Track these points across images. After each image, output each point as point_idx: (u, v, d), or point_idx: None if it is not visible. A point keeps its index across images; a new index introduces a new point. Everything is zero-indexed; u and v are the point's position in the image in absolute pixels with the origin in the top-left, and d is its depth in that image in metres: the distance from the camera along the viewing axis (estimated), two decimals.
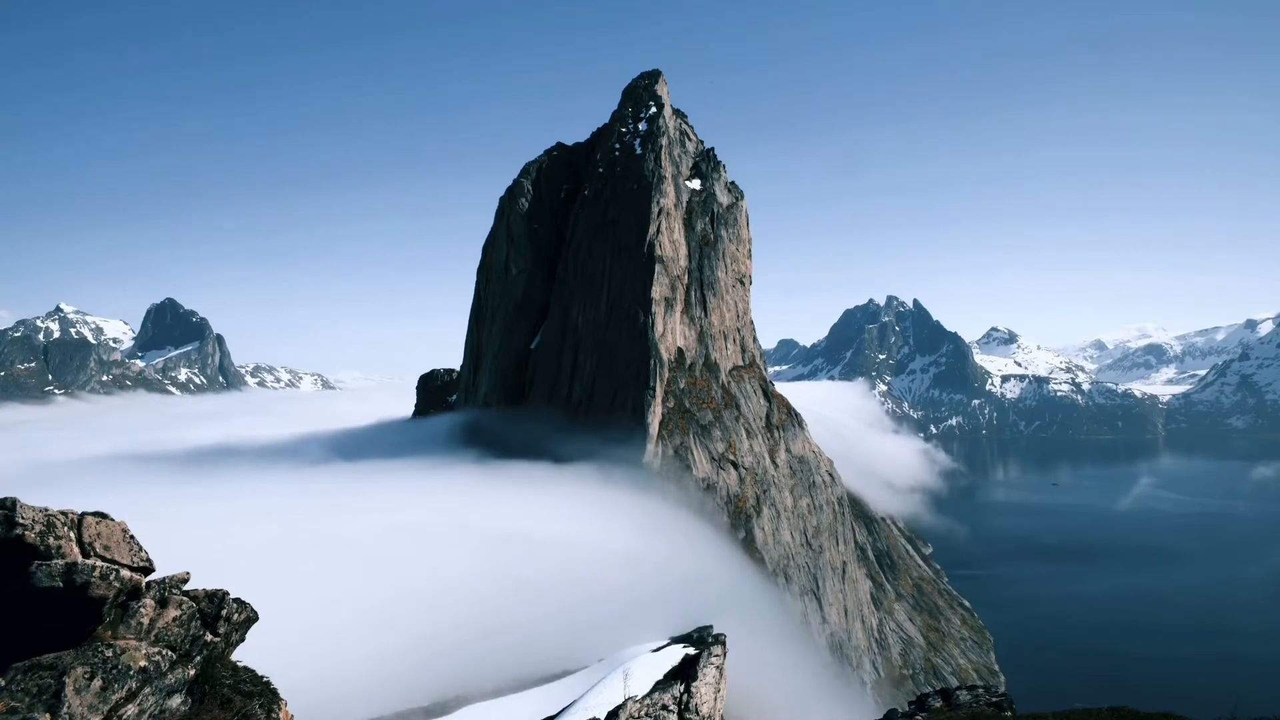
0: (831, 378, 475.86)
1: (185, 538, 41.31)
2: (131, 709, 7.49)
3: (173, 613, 8.45)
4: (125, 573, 8.12)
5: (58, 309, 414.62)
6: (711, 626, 38.28)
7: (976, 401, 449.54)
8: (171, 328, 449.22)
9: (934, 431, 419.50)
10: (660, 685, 18.45)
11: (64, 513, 7.95)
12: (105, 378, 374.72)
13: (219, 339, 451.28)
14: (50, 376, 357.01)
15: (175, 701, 8.12)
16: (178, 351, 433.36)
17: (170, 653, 8.23)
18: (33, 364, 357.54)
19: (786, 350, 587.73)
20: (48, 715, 6.65)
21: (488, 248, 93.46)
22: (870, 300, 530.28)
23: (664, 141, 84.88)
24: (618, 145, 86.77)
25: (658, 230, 78.65)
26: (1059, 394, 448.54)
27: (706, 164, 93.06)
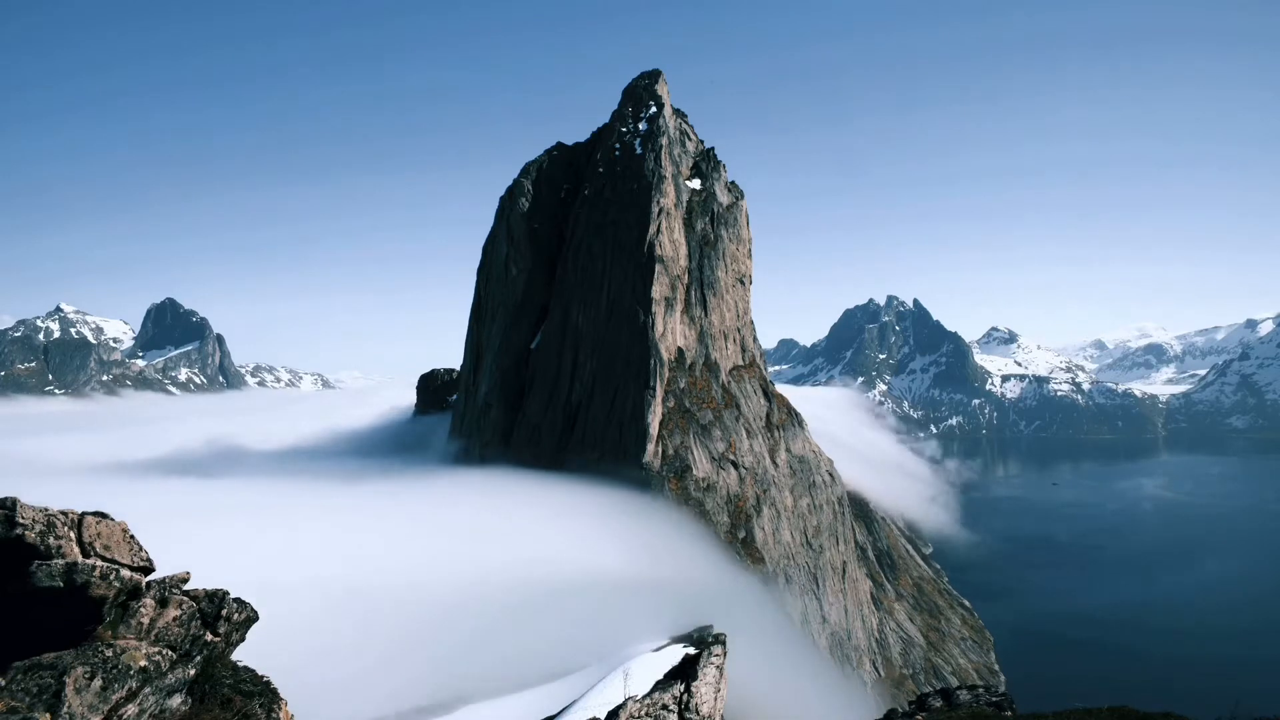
0: (831, 377, 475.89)
1: (185, 536, 41.36)
2: (131, 709, 7.49)
3: (173, 612, 8.46)
4: (125, 572, 8.12)
5: (58, 309, 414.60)
6: (711, 626, 38.34)
7: (977, 401, 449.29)
8: (171, 328, 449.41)
9: (934, 431, 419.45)
10: (660, 685, 18.44)
11: (64, 512, 7.95)
12: (105, 377, 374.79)
13: (219, 339, 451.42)
14: (50, 376, 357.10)
15: (175, 701, 8.13)
16: (178, 351, 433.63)
17: (170, 652, 8.24)
18: (33, 364, 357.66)
19: (786, 350, 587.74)
20: (48, 715, 6.65)
21: (488, 248, 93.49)
22: (870, 300, 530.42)
23: (664, 141, 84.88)
24: (618, 145, 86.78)
25: (658, 230, 78.66)
26: (1059, 394, 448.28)
27: (706, 164, 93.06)
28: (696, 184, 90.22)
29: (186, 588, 8.89)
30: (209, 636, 8.90)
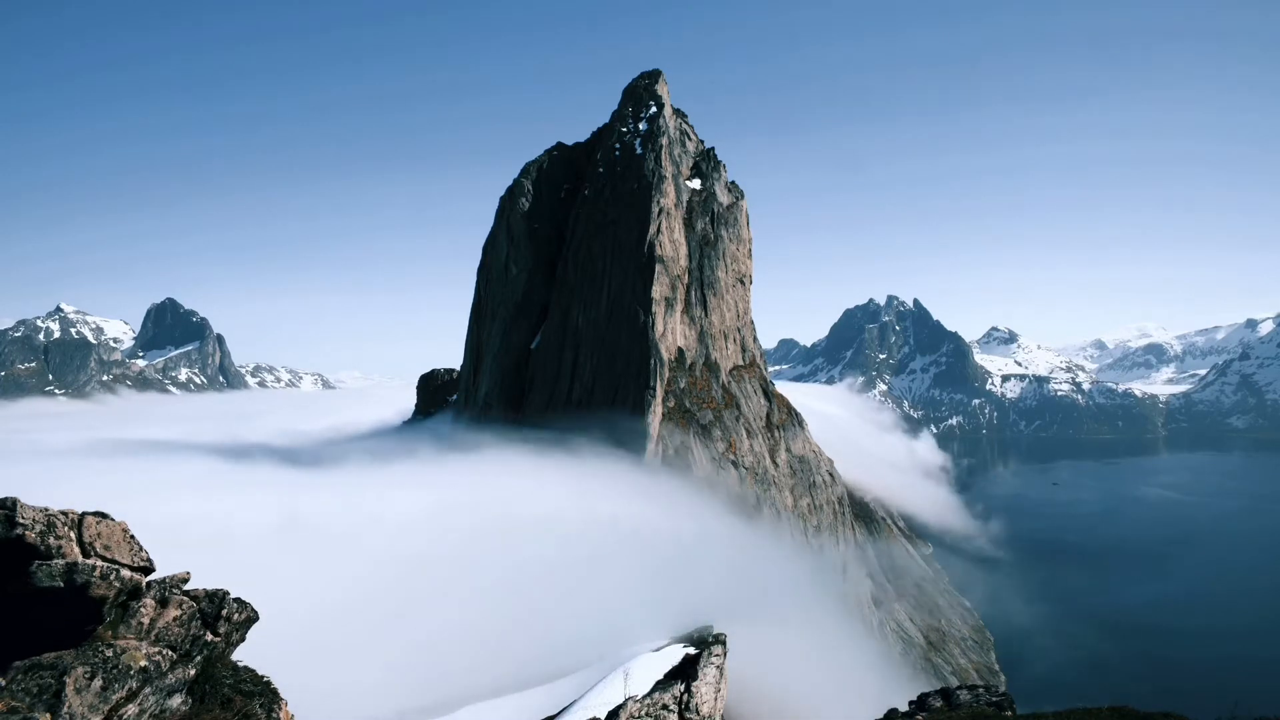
0: (831, 378, 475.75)
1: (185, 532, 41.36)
2: (132, 709, 7.50)
3: (173, 612, 8.46)
4: (125, 572, 8.12)
5: (58, 309, 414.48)
6: (712, 626, 38.29)
7: (977, 401, 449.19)
8: (172, 328, 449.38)
9: (934, 431, 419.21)
10: (660, 685, 18.45)
11: (64, 512, 7.95)
12: (105, 377, 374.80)
13: (219, 339, 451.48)
14: (50, 376, 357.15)
15: (176, 701, 8.13)
16: (178, 351, 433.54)
17: (170, 652, 8.24)
18: (33, 364, 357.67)
19: (787, 350, 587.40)
20: (48, 715, 6.66)
21: (488, 248, 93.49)
22: (870, 300, 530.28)
23: (664, 141, 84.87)
24: (618, 145, 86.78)
25: (658, 230, 78.65)
26: (1059, 393, 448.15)
27: (707, 163, 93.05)
28: (696, 184, 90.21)
29: (187, 588, 8.90)
30: (209, 636, 8.91)
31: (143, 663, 7.72)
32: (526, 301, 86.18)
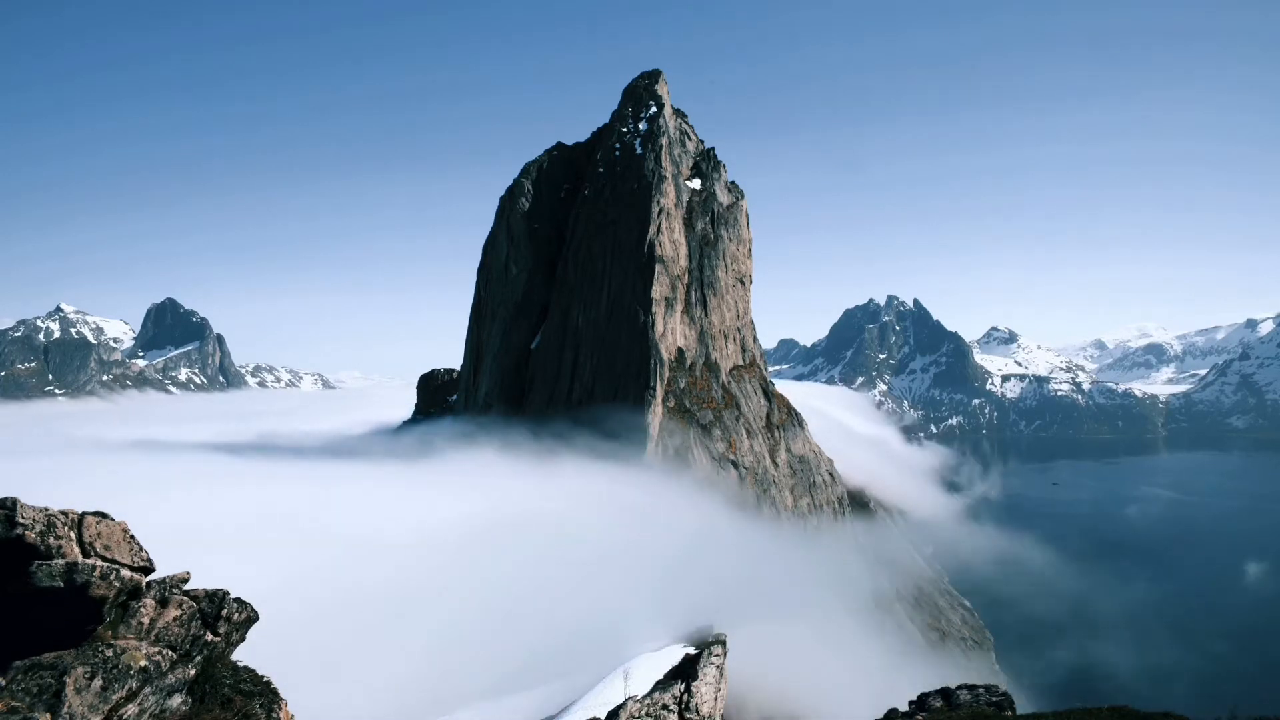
0: (831, 378, 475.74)
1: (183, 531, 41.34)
2: (132, 709, 7.50)
3: (173, 612, 8.46)
4: (125, 572, 8.12)
5: (58, 309, 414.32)
6: (712, 626, 38.30)
7: (977, 401, 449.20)
8: (172, 328, 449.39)
9: (934, 431, 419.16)
10: (660, 685, 18.45)
11: (64, 512, 7.95)
12: (105, 377, 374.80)
13: (219, 339, 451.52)
14: (50, 376, 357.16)
15: (176, 701, 8.13)
16: (178, 351, 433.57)
17: (170, 652, 8.24)
18: (33, 364, 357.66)
19: (787, 350, 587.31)
20: (48, 715, 6.66)
21: (488, 248, 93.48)
22: (870, 300, 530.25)
23: (664, 141, 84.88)
24: (618, 145, 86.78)
25: (658, 230, 78.66)
26: (1059, 394, 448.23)
27: (707, 163, 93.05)
28: (696, 184, 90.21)
29: (187, 588, 8.89)
30: (209, 636, 8.91)
31: (143, 663, 7.72)
32: (526, 301, 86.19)
